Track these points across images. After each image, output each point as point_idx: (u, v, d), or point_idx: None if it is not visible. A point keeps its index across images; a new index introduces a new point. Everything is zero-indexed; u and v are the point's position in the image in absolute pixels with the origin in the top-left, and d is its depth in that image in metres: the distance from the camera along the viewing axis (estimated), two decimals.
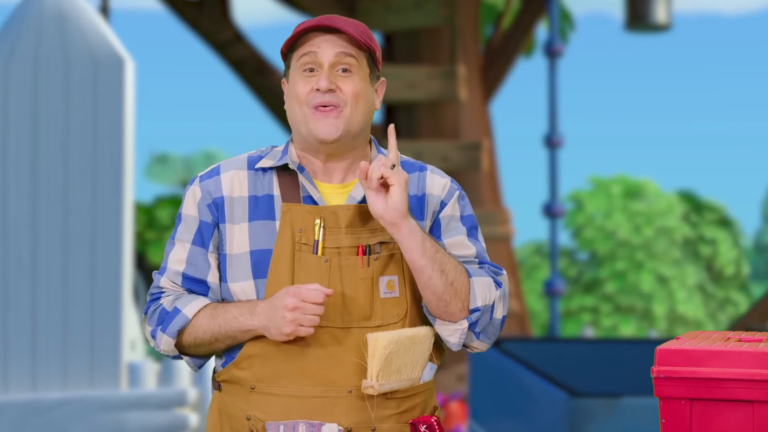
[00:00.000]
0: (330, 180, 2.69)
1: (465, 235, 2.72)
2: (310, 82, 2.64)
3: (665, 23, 12.99)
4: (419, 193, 2.71)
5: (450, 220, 2.72)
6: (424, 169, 2.74)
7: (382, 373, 2.57)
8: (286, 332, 2.56)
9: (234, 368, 2.66)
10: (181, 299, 2.68)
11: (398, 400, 2.64)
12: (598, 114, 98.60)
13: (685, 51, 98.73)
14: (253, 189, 2.68)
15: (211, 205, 2.68)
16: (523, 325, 12.10)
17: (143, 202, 22.31)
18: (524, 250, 31.32)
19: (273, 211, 2.66)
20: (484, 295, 2.62)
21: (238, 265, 2.65)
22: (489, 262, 2.72)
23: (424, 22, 11.52)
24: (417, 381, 2.66)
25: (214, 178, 2.70)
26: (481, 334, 2.65)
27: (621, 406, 5.38)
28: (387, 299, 2.63)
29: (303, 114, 2.64)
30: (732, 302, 31.73)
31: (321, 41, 2.65)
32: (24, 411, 6.50)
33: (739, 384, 2.42)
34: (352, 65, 2.65)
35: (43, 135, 6.68)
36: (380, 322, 2.62)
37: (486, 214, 11.46)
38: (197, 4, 12.81)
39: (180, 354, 2.73)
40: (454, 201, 2.73)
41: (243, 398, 2.65)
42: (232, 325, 2.62)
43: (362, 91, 2.66)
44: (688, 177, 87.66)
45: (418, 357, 2.64)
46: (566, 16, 16.48)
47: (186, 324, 2.66)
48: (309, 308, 2.55)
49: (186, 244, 2.70)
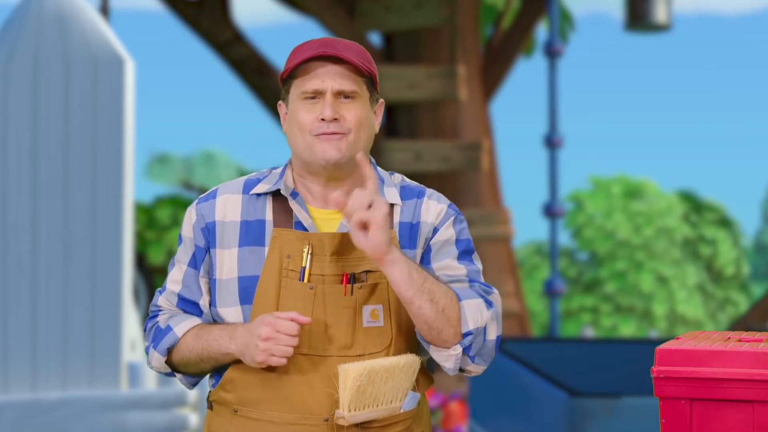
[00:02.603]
0: (326, 205, 2.68)
1: (455, 257, 2.69)
2: (313, 110, 2.63)
3: (665, 23, 12.99)
4: (414, 221, 2.69)
5: (443, 244, 2.69)
6: (422, 196, 2.72)
7: (353, 404, 2.56)
8: (258, 360, 2.56)
9: (220, 390, 2.69)
10: (174, 318, 2.71)
11: (376, 430, 2.63)
12: (598, 114, 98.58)
13: (685, 51, 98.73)
14: (246, 214, 2.68)
15: (204, 229, 2.70)
16: (523, 325, 12.09)
17: (143, 202, 22.30)
18: (524, 250, 31.32)
19: (263, 236, 2.66)
20: (475, 318, 2.59)
21: (227, 290, 2.66)
22: (480, 282, 2.69)
23: (424, 22, 11.52)
24: (397, 410, 2.64)
25: (210, 202, 2.71)
26: (476, 357, 2.62)
27: (621, 406, 5.37)
28: (370, 328, 2.61)
29: (306, 142, 2.64)
30: (732, 302, 31.73)
31: (324, 71, 2.64)
32: (24, 411, 6.50)
33: (739, 384, 2.42)
34: (354, 92, 2.65)
35: (43, 135, 6.67)
36: (362, 351, 2.61)
37: (486, 214, 11.46)
38: (197, 4, 12.81)
39: (172, 372, 2.75)
40: (448, 225, 2.70)
41: (228, 420, 2.67)
42: (212, 346, 2.64)
43: (364, 117, 2.66)
44: (688, 177, 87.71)
45: (398, 386, 2.62)
46: (566, 16, 16.48)
47: (175, 342, 2.68)
48: (282, 339, 2.54)
49: (183, 266, 2.73)
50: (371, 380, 2.56)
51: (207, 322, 2.70)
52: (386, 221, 2.53)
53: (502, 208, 12.00)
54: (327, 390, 2.59)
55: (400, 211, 2.69)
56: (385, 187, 2.71)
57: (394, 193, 2.70)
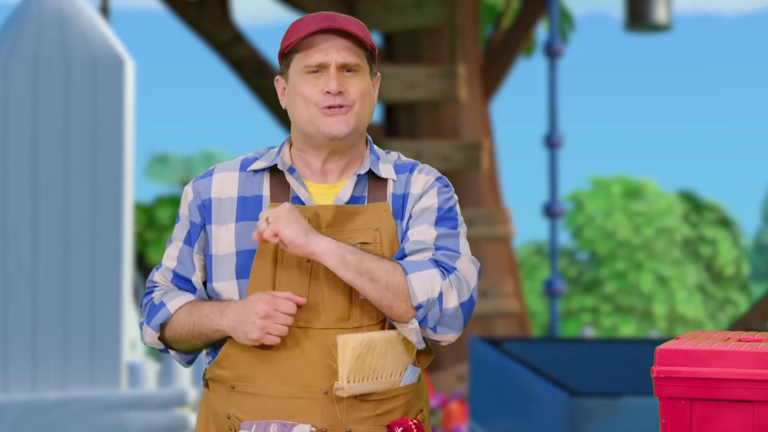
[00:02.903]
0: (325, 180, 2.70)
1: (431, 223, 2.66)
2: (317, 83, 2.64)
3: (665, 23, 12.99)
4: (404, 192, 2.71)
5: (423, 211, 2.68)
6: (413, 170, 2.74)
7: (353, 375, 2.56)
8: (253, 338, 2.57)
9: (216, 367, 2.69)
10: (168, 294, 2.73)
11: (375, 403, 2.63)
12: (598, 114, 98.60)
13: (685, 51, 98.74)
14: (243, 190, 2.69)
15: (201, 206, 2.71)
16: (523, 325, 12.09)
17: (143, 202, 22.30)
18: (524, 250, 31.32)
19: (260, 211, 2.67)
20: (425, 289, 2.57)
21: (224, 265, 2.67)
22: (447, 247, 2.65)
23: (424, 22, 11.51)
24: (397, 383, 2.64)
25: (206, 180, 2.73)
26: (437, 327, 2.59)
27: (621, 406, 5.37)
28: (366, 301, 2.62)
29: (310, 114, 2.65)
30: (732, 302, 31.73)
31: (328, 45, 2.64)
32: (24, 411, 6.50)
33: (739, 384, 2.42)
34: (357, 66, 2.66)
35: (43, 135, 6.68)
36: (359, 324, 2.62)
37: (486, 214, 11.45)
38: (197, 4, 12.81)
39: (165, 348, 2.76)
40: (431, 194, 2.70)
41: (225, 396, 2.67)
42: (204, 322, 2.65)
43: (367, 90, 2.68)
44: (688, 177, 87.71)
45: (398, 359, 2.63)
46: (566, 16, 16.48)
47: (168, 318, 2.69)
48: (280, 318, 2.56)
49: (179, 243, 2.74)
50: (370, 351, 2.57)
51: (201, 298, 2.71)
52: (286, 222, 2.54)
53: (502, 208, 12.00)
54: (325, 362, 2.59)
55: (393, 184, 2.71)
56: (380, 163, 2.73)
57: (389, 168, 2.73)
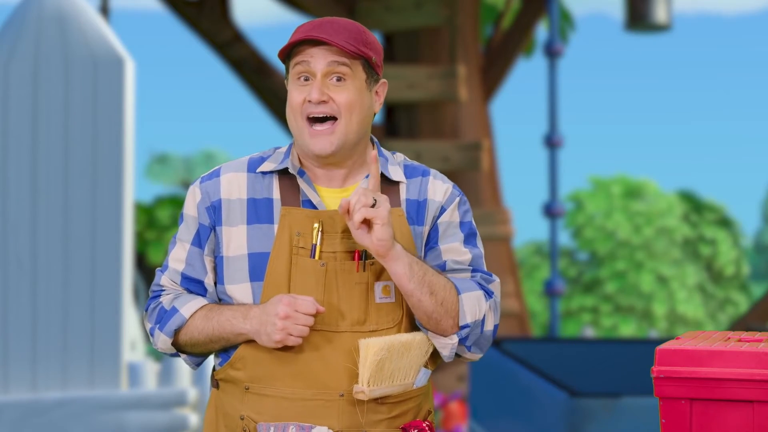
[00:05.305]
0: (330, 184, 2.69)
1: (461, 241, 2.72)
2: (304, 91, 2.64)
3: (665, 23, 12.99)
4: (420, 198, 2.71)
5: (448, 226, 2.72)
6: (426, 174, 2.75)
7: (373, 379, 2.57)
8: (275, 339, 2.57)
9: (229, 368, 2.68)
10: (179, 299, 2.70)
11: (390, 405, 2.64)
12: (598, 114, 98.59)
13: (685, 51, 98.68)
14: (252, 192, 2.68)
15: (210, 207, 2.69)
16: (523, 325, 12.10)
17: (143, 202, 22.30)
18: (524, 250, 31.32)
19: (272, 214, 2.66)
20: (473, 310, 2.63)
21: (235, 267, 2.66)
22: (482, 270, 2.73)
23: (424, 22, 11.51)
24: (410, 386, 2.66)
25: (214, 180, 2.70)
26: (472, 347, 2.67)
27: (621, 406, 5.38)
28: (382, 304, 2.64)
29: (298, 126, 2.65)
30: (732, 302, 31.73)
31: (313, 51, 2.64)
32: (24, 411, 6.50)
33: (739, 384, 2.42)
34: (345, 74, 2.64)
35: (43, 135, 6.67)
36: (375, 327, 2.63)
37: (486, 214, 11.45)
38: (197, 4, 12.81)
39: (177, 352, 2.74)
40: (453, 207, 2.73)
41: (238, 398, 2.66)
42: (225, 327, 2.63)
43: (356, 100, 2.65)
44: (688, 177, 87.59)
45: (412, 362, 2.65)
46: (566, 16, 16.48)
47: (183, 324, 2.67)
48: (301, 318, 2.56)
49: (186, 244, 2.71)
50: (390, 355, 2.58)
51: (212, 301, 2.70)
52: (389, 218, 2.55)
53: (502, 208, 12.00)
54: (342, 365, 2.60)
55: (406, 188, 2.72)
56: (389, 165, 2.73)
57: (398, 171, 2.73)
